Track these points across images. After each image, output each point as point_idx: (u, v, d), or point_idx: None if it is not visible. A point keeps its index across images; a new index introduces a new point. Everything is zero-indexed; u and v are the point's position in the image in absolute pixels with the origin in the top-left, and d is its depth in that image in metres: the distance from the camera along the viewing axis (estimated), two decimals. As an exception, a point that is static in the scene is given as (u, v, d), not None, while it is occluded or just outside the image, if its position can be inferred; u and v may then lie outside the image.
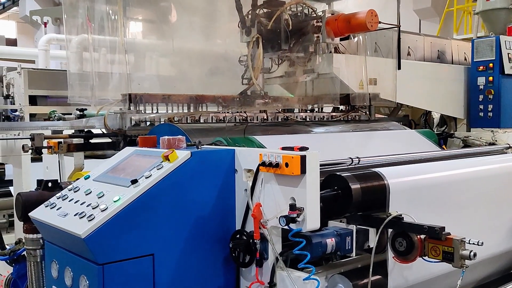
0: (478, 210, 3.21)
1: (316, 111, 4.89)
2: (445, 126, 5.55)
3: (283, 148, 2.50)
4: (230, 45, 4.32)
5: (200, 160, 2.55)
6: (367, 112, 4.96)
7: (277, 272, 2.51)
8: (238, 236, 2.62)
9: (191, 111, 3.84)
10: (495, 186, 3.33)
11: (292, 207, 2.36)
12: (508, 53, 5.18)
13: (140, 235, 2.34)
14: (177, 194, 2.46)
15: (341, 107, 4.91)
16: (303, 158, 2.34)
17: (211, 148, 2.75)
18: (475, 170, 3.24)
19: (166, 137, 2.71)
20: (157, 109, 3.72)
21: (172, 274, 2.47)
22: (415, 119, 5.67)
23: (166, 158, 2.49)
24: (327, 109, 5.08)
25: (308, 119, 4.60)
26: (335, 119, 4.74)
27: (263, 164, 2.46)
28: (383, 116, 5.77)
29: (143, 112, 3.61)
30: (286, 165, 2.36)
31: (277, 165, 2.39)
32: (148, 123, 3.64)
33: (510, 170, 3.47)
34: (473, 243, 2.42)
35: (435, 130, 5.42)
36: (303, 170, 2.35)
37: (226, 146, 3.04)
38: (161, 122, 3.63)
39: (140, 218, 2.33)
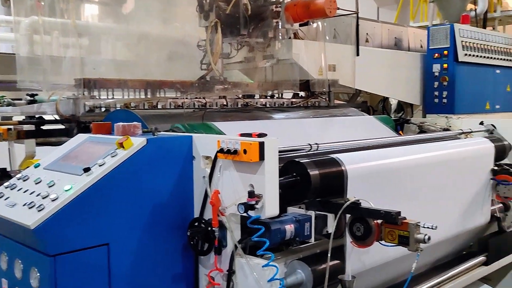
0: (432, 194, 3.28)
1: (276, 97, 4.88)
2: (402, 112, 5.65)
3: (242, 135, 2.47)
4: (188, 29, 4.22)
5: (156, 147, 2.49)
6: (327, 98, 4.98)
7: (236, 259, 2.49)
8: (196, 224, 2.58)
9: (149, 96, 3.75)
10: (448, 171, 3.41)
11: (251, 194, 2.34)
12: (462, 41, 5.30)
13: (94, 225, 2.27)
14: (132, 182, 2.40)
15: (301, 93, 4.91)
16: (261, 145, 2.32)
17: (168, 135, 2.69)
18: (429, 156, 3.31)
19: (121, 123, 2.63)
20: (113, 95, 3.61)
21: (128, 264, 2.41)
22: (373, 105, 5.74)
23: (121, 145, 2.41)
24: (287, 95, 5.08)
25: (268, 105, 4.58)
26: (295, 105, 4.74)
27: (221, 151, 2.42)
28: (342, 102, 5.82)
29: (97, 97, 3.49)
30: (245, 151, 2.33)
31: (235, 152, 2.36)
32: (103, 109, 3.52)
33: (463, 156, 3.56)
34: (428, 227, 2.46)
35: (392, 116, 5.51)
36: (262, 157, 2.33)
37: (184, 132, 2.98)
38: (117, 108, 3.52)
39: (94, 208, 2.25)
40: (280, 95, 4.89)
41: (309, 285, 2.59)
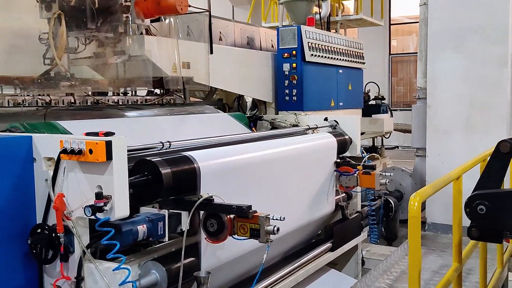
0: (282, 187, 3.44)
1: (130, 95, 4.73)
2: (256, 109, 5.84)
3: (87, 134, 2.35)
4: (27, 21, 3.89)
5: (-12, 149, 2.25)
6: (182, 96, 4.96)
7: (84, 265, 2.36)
8: (39, 230, 2.39)
9: (-18, 93, 3.39)
10: (296, 164, 3.61)
11: (99, 195, 2.23)
12: (308, 42, 5.64)
13: None
14: (-41, 189, 2.14)
15: (156, 91, 4.82)
16: (108, 144, 2.22)
17: (2, 136, 2.45)
18: (279, 151, 3.46)
19: None
20: None
21: (-43, 281, 2.15)
22: (229, 102, 5.85)
23: None
24: (142, 92, 4.95)
25: (120, 103, 4.43)
26: (150, 102, 4.65)
27: (64, 151, 2.27)
28: (199, 100, 5.85)
29: None
30: (90, 151, 2.22)
31: (80, 152, 2.23)
32: None
33: (309, 150, 3.80)
34: (276, 219, 2.57)
35: (248, 113, 5.67)
36: (109, 157, 2.23)
37: (23, 132, 2.74)
38: None
39: None
40: (134, 93, 4.75)
41: (164, 285, 2.56)
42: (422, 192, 2.22)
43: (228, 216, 2.61)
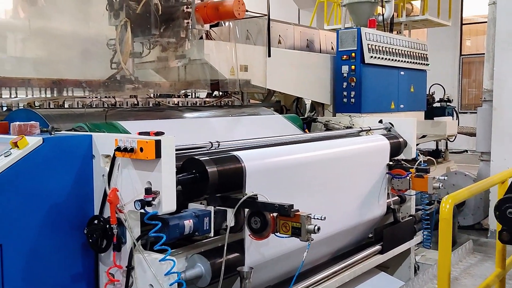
0: (331, 188, 3.48)
1: (190, 97, 4.95)
2: (314, 111, 5.90)
3: (140, 133, 2.53)
4: (98, 28, 4.19)
5: (53, 146, 2.49)
6: (240, 98, 5.12)
7: (135, 255, 2.54)
8: (95, 221, 2.61)
9: (55, 95, 3.70)
10: (346, 166, 3.63)
11: (148, 190, 2.40)
12: (368, 44, 5.62)
13: (-15, 225, 2.24)
14: (27, 181, 2.39)
15: (216, 93, 5.01)
16: (157, 143, 2.39)
17: (66, 134, 2.70)
18: (327, 152, 3.51)
19: (17, 123, 2.61)
20: (16, 94, 3.53)
21: (24, 263, 2.40)
22: (288, 105, 5.94)
23: (15, 144, 2.39)
24: (204, 94, 5.17)
25: (180, 104, 4.65)
26: (208, 104, 4.84)
27: (118, 149, 2.47)
28: (258, 102, 5.99)
29: (-1, 96, 3.41)
30: (141, 149, 2.40)
31: (132, 150, 2.42)
32: (4, 109, 3.44)
33: (360, 152, 3.81)
34: (318, 218, 2.63)
35: (306, 115, 5.73)
36: (158, 155, 2.40)
37: (87, 132, 2.99)
38: (19, 108, 3.45)
39: (-15, 208, 2.23)
40: (194, 95, 4.97)
41: (208, 278, 2.70)
42: (455, 194, 2.19)
43: (271, 214, 2.71)
